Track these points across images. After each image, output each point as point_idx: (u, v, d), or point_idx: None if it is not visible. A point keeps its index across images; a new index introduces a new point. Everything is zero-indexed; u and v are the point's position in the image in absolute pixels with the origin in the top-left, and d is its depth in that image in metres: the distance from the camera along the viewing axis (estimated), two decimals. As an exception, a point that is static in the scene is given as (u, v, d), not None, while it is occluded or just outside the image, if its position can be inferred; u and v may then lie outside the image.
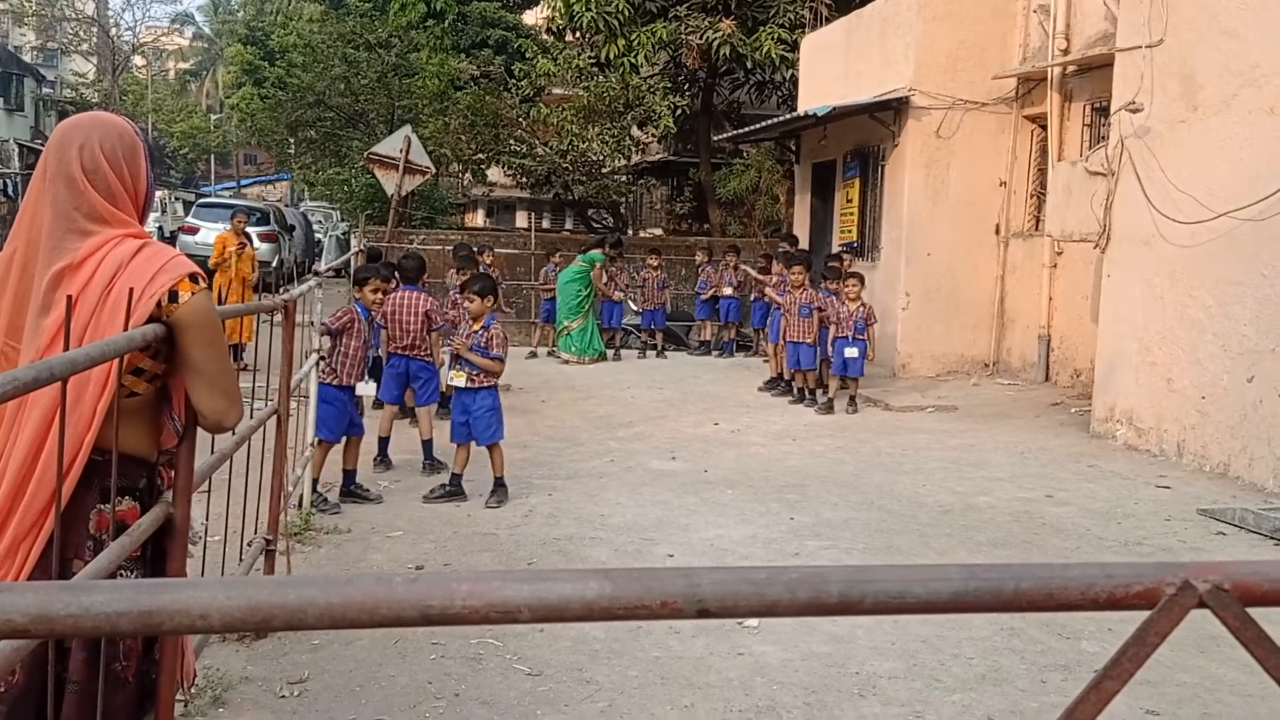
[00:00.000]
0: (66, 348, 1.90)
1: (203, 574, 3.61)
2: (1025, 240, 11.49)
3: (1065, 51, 10.43)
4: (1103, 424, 8.60)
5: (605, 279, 13.59)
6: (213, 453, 3.23)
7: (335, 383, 6.33)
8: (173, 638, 2.27)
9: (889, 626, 4.35)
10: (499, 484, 6.45)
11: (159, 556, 2.36)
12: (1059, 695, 3.80)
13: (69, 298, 1.99)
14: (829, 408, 9.86)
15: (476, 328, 6.48)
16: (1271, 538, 5.91)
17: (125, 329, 2.07)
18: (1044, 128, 11.09)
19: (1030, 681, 3.94)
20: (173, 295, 2.16)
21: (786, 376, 10.86)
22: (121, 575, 2.22)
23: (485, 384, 6.44)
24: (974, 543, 5.79)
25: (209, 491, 3.74)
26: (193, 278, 2.21)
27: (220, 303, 9.40)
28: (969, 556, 5.53)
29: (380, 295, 6.72)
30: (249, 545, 4.26)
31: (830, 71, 13.61)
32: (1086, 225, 8.88)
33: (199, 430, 2.33)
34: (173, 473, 2.38)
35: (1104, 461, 7.80)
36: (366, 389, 6.43)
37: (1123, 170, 8.39)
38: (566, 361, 12.96)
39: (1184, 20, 7.80)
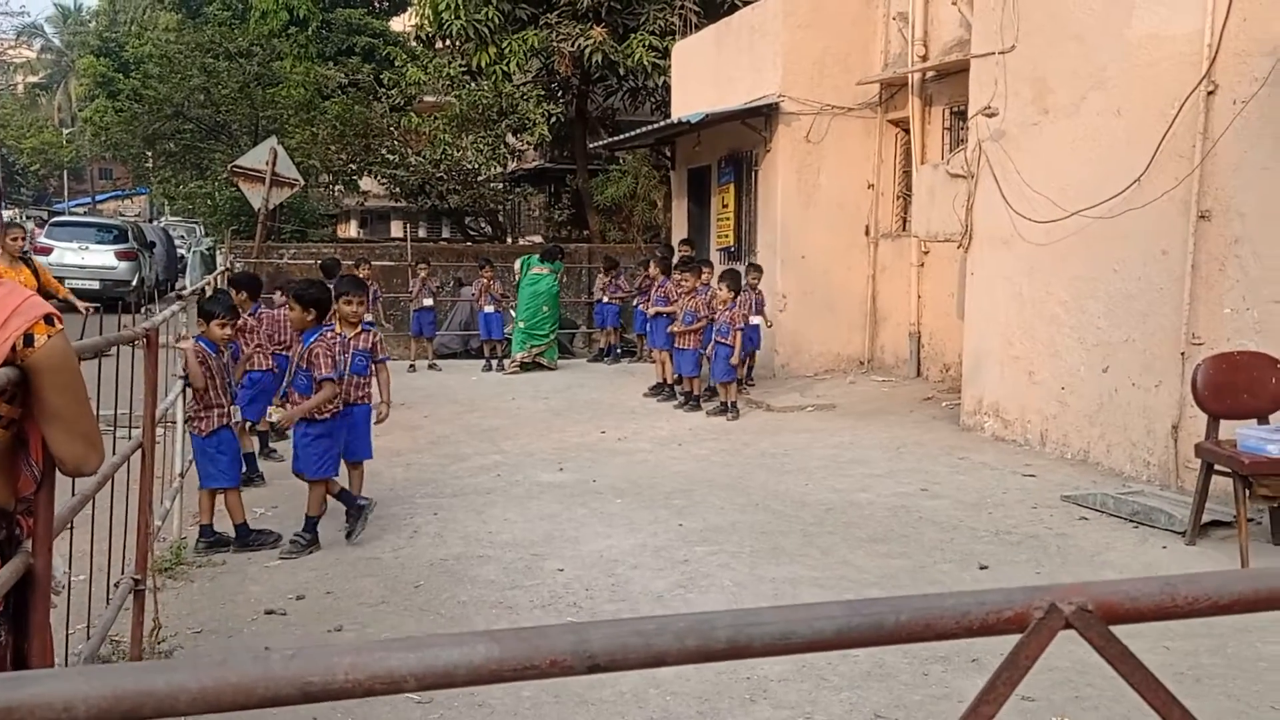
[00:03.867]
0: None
1: (68, 619, 3.44)
2: (894, 241, 11.85)
3: (924, 58, 10.81)
4: (971, 416, 8.94)
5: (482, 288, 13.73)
6: (74, 494, 3.08)
7: (213, 429, 5.80)
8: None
9: (777, 629, 4.42)
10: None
11: (21, 608, 2.25)
12: (940, 687, 3.93)
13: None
14: (722, 409, 9.96)
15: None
16: (1130, 520, 6.23)
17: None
18: (907, 131, 11.46)
19: (913, 675, 4.06)
20: (28, 339, 2.06)
21: (670, 381, 10.94)
22: (-19, 632, 2.11)
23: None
24: (855, 539, 5.94)
25: (72, 528, 3.55)
26: (48, 319, 2.11)
27: None
28: (851, 553, 5.68)
29: (229, 331, 6.15)
30: (116, 586, 4.07)
31: (702, 78, 13.79)
32: (950, 226, 9.21)
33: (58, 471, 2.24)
34: (32, 520, 2.26)
35: (974, 453, 8.11)
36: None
37: (981, 172, 8.73)
38: (545, 367, 13.46)
39: (1034, 27, 8.16)
